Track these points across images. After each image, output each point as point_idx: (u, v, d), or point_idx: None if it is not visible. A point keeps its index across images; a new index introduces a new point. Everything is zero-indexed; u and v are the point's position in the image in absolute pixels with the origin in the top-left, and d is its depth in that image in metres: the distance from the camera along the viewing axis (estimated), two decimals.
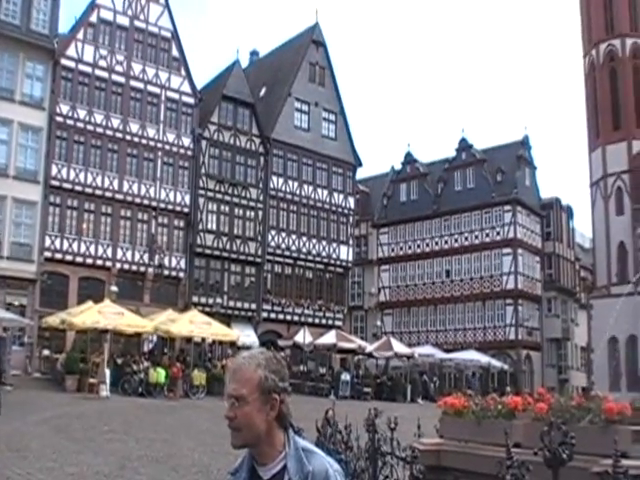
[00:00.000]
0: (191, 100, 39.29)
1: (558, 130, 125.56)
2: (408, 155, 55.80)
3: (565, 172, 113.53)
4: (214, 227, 39.22)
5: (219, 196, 39.65)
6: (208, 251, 38.79)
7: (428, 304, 51.49)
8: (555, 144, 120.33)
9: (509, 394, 9.02)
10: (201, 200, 38.91)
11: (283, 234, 41.99)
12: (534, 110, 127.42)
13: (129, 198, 36.49)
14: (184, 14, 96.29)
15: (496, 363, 43.79)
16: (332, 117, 45.32)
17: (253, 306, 40.22)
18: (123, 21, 37.39)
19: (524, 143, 52.19)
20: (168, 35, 39.03)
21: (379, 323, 49.74)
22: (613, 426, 6.91)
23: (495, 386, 39.23)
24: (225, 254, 39.36)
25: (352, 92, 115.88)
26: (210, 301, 37.76)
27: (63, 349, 31.51)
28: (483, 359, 42.84)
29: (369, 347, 39.56)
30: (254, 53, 51.71)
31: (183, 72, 39.25)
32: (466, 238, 50.48)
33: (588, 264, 57.44)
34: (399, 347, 39.83)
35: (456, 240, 51.00)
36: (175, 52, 39.22)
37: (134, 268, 36.32)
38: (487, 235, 49.57)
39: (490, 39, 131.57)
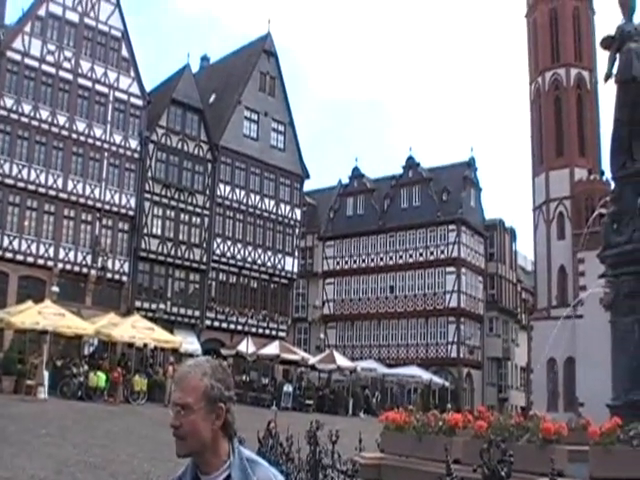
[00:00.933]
0: (139, 102, 38.69)
1: (504, 153, 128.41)
2: (355, 170, 56.06)
3: (509, 195, 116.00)
4: (159, 232, 38.63)
5: (165, 201, 39.09)
6: (152, 256, 38.15)
7: (372, 319, 51.66)
8: (500, 167, 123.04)
9: (450, 411, 8.95)
10: (147, 204, 38.28)
11: (229, 242, 41.60)
12: (481, 132, 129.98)
13: (73, 198, 35.66)
14: (136, 15, 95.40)
15: (438, 380, 44.11)
16: (281, 128, 45.23)
17: (197, 313, 39.70)
18: (72, 17, 36.61)
19: (470, 164, 52.96)
20: (118, 35, 38.39)
21: (323, 336, 49.64)
22: (550, 445, 6.87)
23: (436, 403, 39.38)
24: (170, 260, 38.79)
25: (302, 104, 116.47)
26: (153, 306, 37.10)
27: (0, 349, 30.51)
28: (425, 375, 43.09)
29: (312, 359, 39.45)
30: (205, 59, 51.26)
31: (132, 73, 38.65)
32: (411, 255, 50.85)
33: (529, 286, 58.50)
34: (342, 360, 39.82)
35: (401, 257, 51.33)
36: (125, 52, 38.59)
37: (76, 269, 35.48)
38: (432, 253, 50.01)
39: (441, 60, 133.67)
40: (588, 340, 37.11)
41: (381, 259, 52.29)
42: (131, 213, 37.61)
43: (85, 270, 35.72)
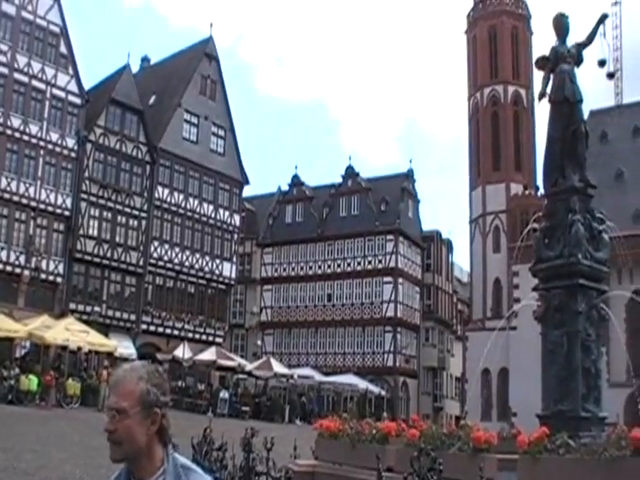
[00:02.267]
0: (78, 100, 37.93)
1: (442, 166, 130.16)
2: (295, 177, 56.12)
3: (447, 207, 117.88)
4: (95, 233, 37.91)
5: (102, 202, 38.41)
6: (88, 257, 37.41)
7: (309, 326, 51.72)
8: (438, 179, 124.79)
9: (385, 419, 9.06)
10: (83, 204, 37.54)
11: (166, 246, 41.11)
12: (420, 145, 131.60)
13: (7, 195, 34.68)
14: (76, 11, 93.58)
15: (374, 388, 44.40)
16: (221, 132, 44.96)
17: (132, 317, 39.08)
18: (9, 9, 35.57)
19: (409, 176, 53.57)
20: (57, 30, 37.52)
21: (260, 343, 49.51)
22: (480, 454, 7.03)
23: (372, 411, 39.67)
24: (106, 262, 38.10)
25: (244, 107, 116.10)
26: (88, 309, 36.39)
27: None
28: (361, 384, 43.31)
29: (249, 366, 39.36)
30: (145, 59, 50.48)
31: (71, 70, 37.83)
32: (349, 264, 51.14)
33: (465, 297, 59.57)
34: (279, 367, 39.78)
35: (339, 265, 51.57)
36: (63, 49, 37.73)
37: (9, 269, 34.46)
38: (369, 262, 50.39)
39: (384, 69, 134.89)
40: (521, 351, 37.92)
41: (319, 267, 52.43)
42: (67, 213, 36.82)
43: (18, 270, 34.74)
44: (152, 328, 40.09)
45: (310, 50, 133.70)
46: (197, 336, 41.91)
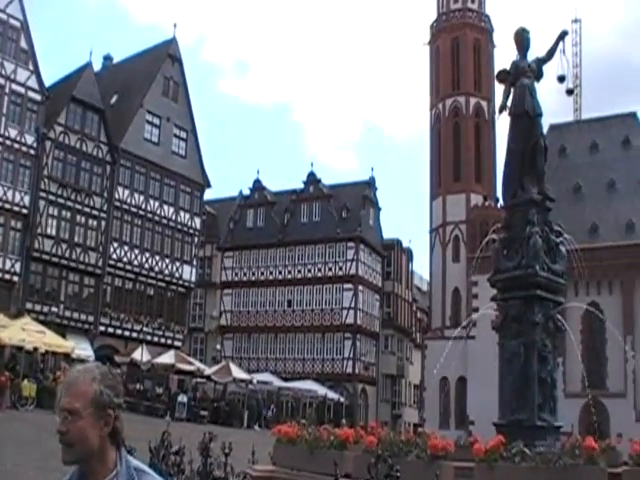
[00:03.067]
0: (37, 97, 37.33)
1: (404, 175, 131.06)
2: (257, 182, 55.93)
3: (407, 216, 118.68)
4: (54, 232, 37.33)
5: (61, 201, 37.84)
6: (46, 257, 36.81)
7: (269, 332, 51.58)
8: (400, 188, 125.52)
9: (344, 426, 9.10)
10: (41, 203, 36.94)
11: (126, 247, 40.66)
12: (382, 151, 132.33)
13: None
14: (37, 6, 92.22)
15: (333, 395, 44.47)
16: (183, 134, 44.65)
17: (90, 318, 38.52)
18: None
19: (370, 184, 53.75)
20: (17, 25, 36.81)
21: (219, 347, 49.22)
22: (437, 462, 7.11)
23: (331, 417, 39.72)
24: (64, 262, 37.53)
25: (205, 112, 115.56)
26: (45, 309, 35.78)
27: None
28: (320, 390, 43.38)
29: (208, 370, 39.14)
30: (108, 58, 49.75)
31: (31, 66, 37.18)
32: (309, 270, 51.16)
33: (424, 306, 60.03)
34: (238, 372, 39.59)
35: (299, 271, 51.56)
36: (24, 44, 37.03)
37: None
38: (330, 269, 50.47)
39: (344, 77, 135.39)
40: (479, 360, 38.34)
41: (280, 272, 52.34)
42: (25, 211, 36.18)
43: None
44: (110, 330, 39.60)
45: (274, 53, 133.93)
46: (156, 339, 41.52)
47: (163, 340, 41.98)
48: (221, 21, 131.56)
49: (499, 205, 44.27)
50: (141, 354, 36.52)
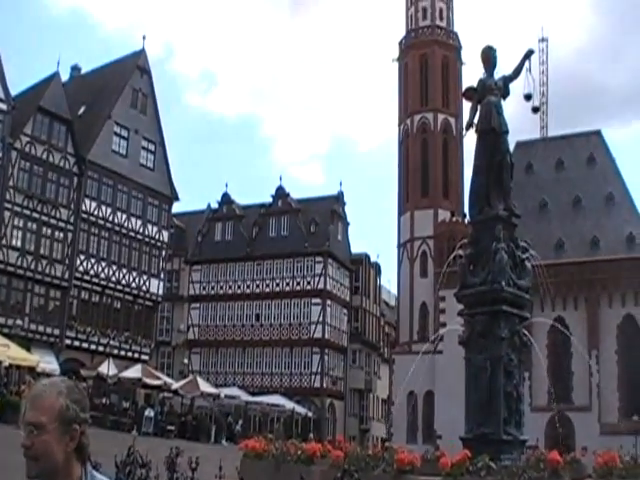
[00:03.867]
0: (4, 106, 36.76)
1: (372, 189, 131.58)
2: (225, 195, 55.69)
3: (376, 230, 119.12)
4: (19, 244, 36.74)
5: (27, 212, 37.30)
6: (11, 269, 36.20)
7: (237, 346, 51.27)
8: (368, 203, 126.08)
9: (311, 441, 9.08)
10: (7, 214, 36.37)
11: (93, 260, 40.20)
12: (351, 166, 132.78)
13: None
14: (3, 14, 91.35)
15: (301, 409, 44.29)
16: (151, 147, 44.36)
17: (56, 332, 37.92)
18: None
19: (339, 198, 53.83)
20: None
21: (186, 361, 48.84)
22: (404, 475, 7.13)
23: (298, 432, 39.56)
24: (29, 274, 36.93)
25: (174, 124, 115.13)
26: (10, 322, 35.09)
27: None
28: (288, 404, 43.17)
29: (175, 384, 38.69)
30: (76, 68, 49.28)
31: None
32: (277, 284, 51.04)
33: (392, 321, 60.24)
34: (205, 387, 39.27)
35: (267, 285, 51.42)
36: None
37: None
38: (298, 283, 50.42)
39: (313, 91, 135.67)
40: (446, 375, 38.54)
41: (248, 286, 52.14)
42: None
43: None
44: (76, 343, 39.04)
45: (242, 65, 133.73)
46: (122, 353, 41.02)
47: (130, 354, 41.50)
48: (188, 32, 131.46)
49: (466, 221, 44.75)
50: (107, 368, 35.95)
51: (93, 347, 39.70)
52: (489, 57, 11.22)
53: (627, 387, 43.15)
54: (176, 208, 48.12)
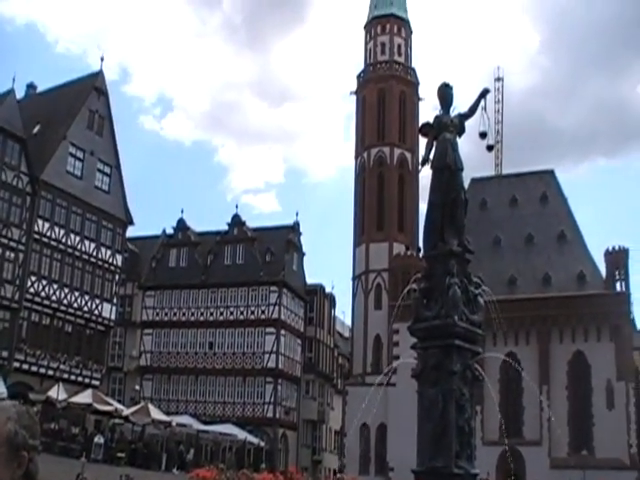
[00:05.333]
0: None
1: (328, 220, 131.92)
2: (181, 221, 55.33)
3: (331, 261, 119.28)
4: None
5: None
6: None
7: (189, 373, 50.69)
8: (324, 233, 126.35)
9: (263, 471, 9.04)
10: None
11: (44, 281, 39.46)
12: (307, 195, 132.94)
13: None
14: None
15: (253, 439, 43.89)
16: (107, 169, 43.94)
17: (4, 354, 36.96)
18: None
19: (294, 228, 53.88)
20: None
21: (138, 387, 48.07)
22: None
23: (251, 462, 39.16)
24: None
25: (130, 147, 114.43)
26: None
27: None
28: (240, 434, 42.75)
29: (126, 411, 37.98)
30: (31, 86, 48.65)
31: None
32: (232, 312, 50.76)
33: (346, 352, 60.23)
34: (157, 414, 38.65)
35: (222, 313, 51.10)
36: None
37: None
38: (252, 312, 50.21)
39: (269, 116, 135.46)
40: (399, 408, 38.62)
41: (202, 314, 51.74)
42: None
43: None
44: (25, 367, 38.14)
45: (199, 92, 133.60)
46: (73, 377, 40.22)
47: (80, 379, 40.72)
48: (145, 56, 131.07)
49: (421, 255, 45.20)
50: (57, 392, 35.29)
51: (43, 371, 38.83)
52: (445, 94, 11.43)
53: (577, 422, 43.80)
54: (130, 232, 47.65)
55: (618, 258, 45.73)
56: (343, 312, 67.09)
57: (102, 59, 44.96)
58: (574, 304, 44.72)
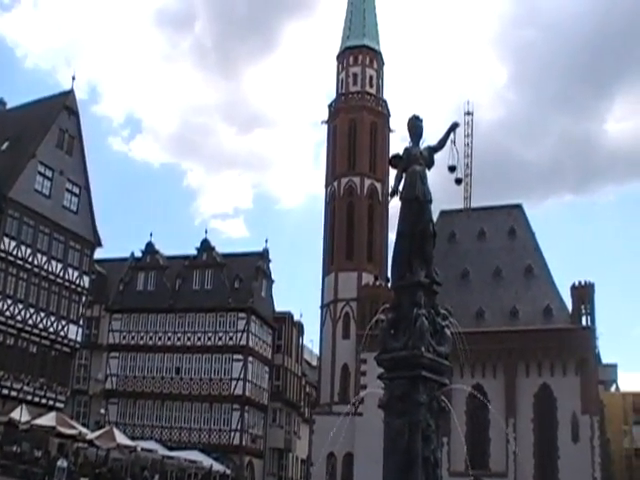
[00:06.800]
0: None
1: (298, 248, 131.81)
2: (149, 245, 54.86)
3: (300, 289, 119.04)
4: None
5: None
6: None
7: (156, 398, 50.07)
8: (293, 261, 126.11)
9: None
10: None
11: (9, 301, 38.78)
12: (275, 222, 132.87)
13: None
14: None
15: (219, 466, 43.51)
16: (76, 190, 43.45)
17: None
18: None
19: (264, 255, 53.75)
20: None
21: (103, 411, 47.50)
22: None
23: None
24: None
25: (99, 168, 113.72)
26: None
27: None
28: (206, 461, 42.41)
29: (90, 435, 37.47)
30: (0, 102, 48.45)
31: None
32: (199, 338, 50.41)
33: (314, 381, 59.95)
34: (122, 438, 38.07)
35: (189, 338, 50.72)
36: None
37: None
38: (220, 338, 49.92)
39: (238, 142, 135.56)
40: (366, 437, 38.52)
41: (169, 338, 51.28)
42: None
43: None
44: None
45: (168, 115, 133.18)
46: (36, 399, 39.48)
47: (44, 401, 40.00)
48: (114, 77, 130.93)
49: (389, 285, 45.37)
50: (20, 414, 34.74)
51: (5, 392, 38.06)
52: (415, 127, 11.60)
53: (542, 454, 44.00)
54: (98, 254, 47.08)
55: (584, 292, 46.24)
56: (311, 340, 66.92)
57: (74, 78, 44.57)
58: (540, 337, 45.10)
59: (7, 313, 38.50)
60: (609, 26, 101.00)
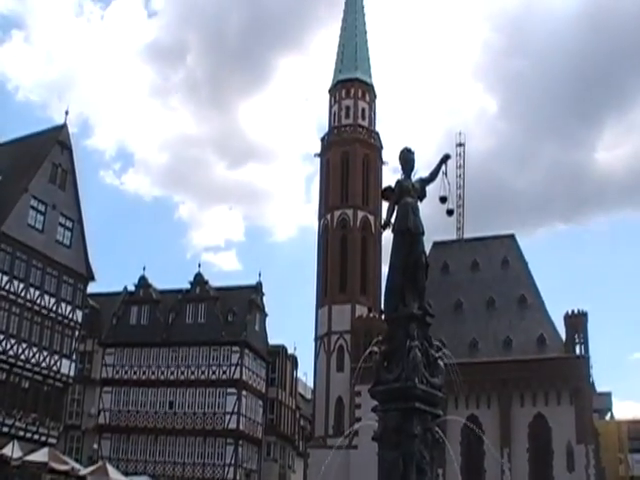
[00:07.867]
0: None
1: (290, 281, 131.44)
2: (142, 279, 54.76)
3: (294, 322, 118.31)
4: None
5: None
6: None
7: (149, 433, 49.60)
8: (287, 294, 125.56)
9: None
10: None
11: (1, 336, 38.43)
12: (268, 256, 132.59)
13: None
14: None
15: None
16: (69, 224, 43.47)
17: None
18: None
19: (257, 288, 53.60)
20: None
21: (96, 446, 47.04)
22: None
23: None
24: None
25: (92, 202, 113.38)
26: None
27: None
28: None
29: (83, 470, 37.16)
30: None
31: None
32: (192, 372, 50.12)
33: (308, 414, 59.61)
34: (115, 474, 37.81)
35: (182, 372, 50.43)
36: None
37: None
38: (213, 372, 49.66)
39: (227, 174, 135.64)
40: (361, 470, 38.26)
41: (162, 373, 50.98)
42: None
43: None
44: None
45: (160, 149, 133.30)
46: (29, 435, 39.01)
47: (37, 436, 39.56)
48: (105, 108, 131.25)
49: (383, 317, 45.34)
50: (12, 450, 34.42)
51: None
52: (407, 159, 11.75)
53: None
54: (91, 288, 46.84)
55: (577, 321, 46.36)
56: (305, 373, 66.57)
57: (67, 113, 44.76)
58: (534, 367, 45.11)
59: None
60: (598, 55, 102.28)
